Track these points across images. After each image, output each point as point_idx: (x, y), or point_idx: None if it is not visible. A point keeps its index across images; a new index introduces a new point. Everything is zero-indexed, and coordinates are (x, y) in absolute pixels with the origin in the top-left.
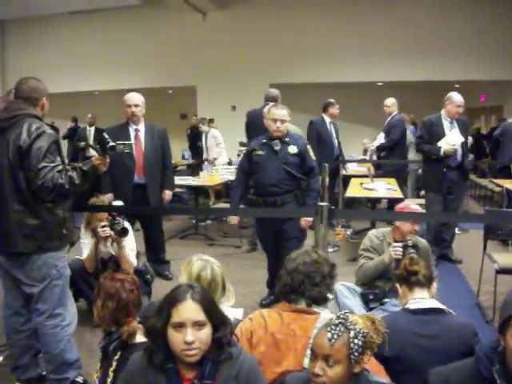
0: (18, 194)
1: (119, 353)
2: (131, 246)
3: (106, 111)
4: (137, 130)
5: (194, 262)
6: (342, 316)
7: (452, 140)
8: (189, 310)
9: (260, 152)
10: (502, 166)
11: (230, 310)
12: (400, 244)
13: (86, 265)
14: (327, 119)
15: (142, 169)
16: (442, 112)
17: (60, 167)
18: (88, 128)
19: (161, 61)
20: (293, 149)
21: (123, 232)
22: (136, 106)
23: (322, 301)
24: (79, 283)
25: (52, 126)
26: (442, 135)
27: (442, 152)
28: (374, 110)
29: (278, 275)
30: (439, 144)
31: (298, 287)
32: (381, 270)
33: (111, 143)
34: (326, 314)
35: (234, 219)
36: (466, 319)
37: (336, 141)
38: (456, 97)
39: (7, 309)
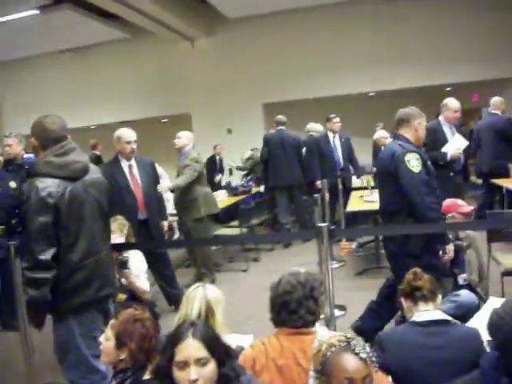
0: None
1: None
2: (137, 271)
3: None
4: (130, 166)
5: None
6: (351, 335)
7: (457, 144)
8: (190, 347)
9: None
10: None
11: (235, 336)
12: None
13: None
14: (330, 134)
15: (143, 204)
16: (441, 118)
17: None
18: None
19: (154, 91)
20: None
21: (121, 265)
22: (135, 141)
23: (308, 324)
24: None
25: None
26: (444, 141)
27: (448, 157)
28: (365, 120)
29: None
30: (444, 150)
31: (277, 317)
32: None
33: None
34: (321, 332)
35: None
36: (470, 328)
37: (340, 154)
38: (452, 103)
39: None
